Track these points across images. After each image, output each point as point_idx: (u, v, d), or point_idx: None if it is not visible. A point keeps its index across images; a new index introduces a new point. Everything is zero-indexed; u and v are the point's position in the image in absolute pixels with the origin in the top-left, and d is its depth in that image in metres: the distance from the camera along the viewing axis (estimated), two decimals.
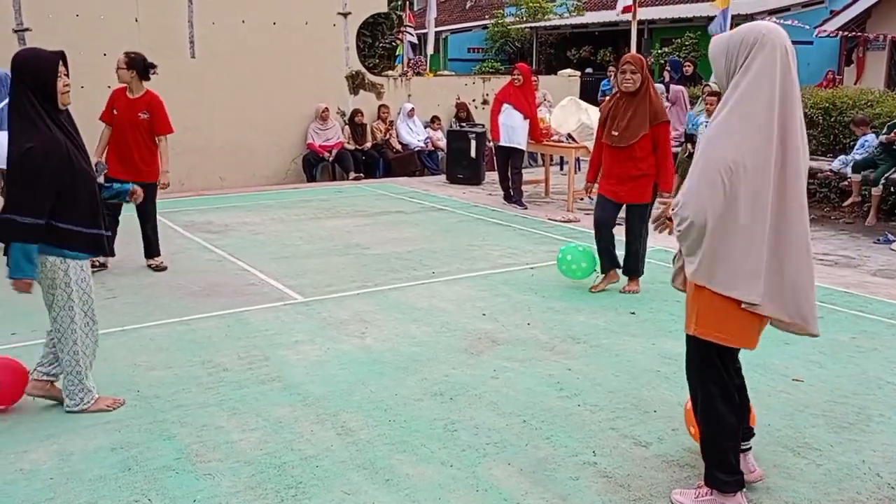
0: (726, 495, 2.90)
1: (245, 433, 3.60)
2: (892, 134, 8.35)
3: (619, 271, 5.98)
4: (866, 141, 8.68)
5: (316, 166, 11.89)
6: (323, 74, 12.12)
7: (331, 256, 7.05)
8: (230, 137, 11.37)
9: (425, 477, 3.22)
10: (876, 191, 8.43)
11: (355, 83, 12.50)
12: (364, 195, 10.44)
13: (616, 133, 5.57)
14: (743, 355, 4.56)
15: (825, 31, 17.34)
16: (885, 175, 8.31)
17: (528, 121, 9.42)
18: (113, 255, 4.09)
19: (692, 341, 2.90)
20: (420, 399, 3.98)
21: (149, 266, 6.60)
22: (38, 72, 3.50)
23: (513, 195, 9.63)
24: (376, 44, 15.75)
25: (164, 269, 6.58)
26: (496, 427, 3.67)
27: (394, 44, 17.65)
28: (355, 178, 11.77)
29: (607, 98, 6.02)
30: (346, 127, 12.21)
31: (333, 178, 12.10)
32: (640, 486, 3.15)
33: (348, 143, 12.11)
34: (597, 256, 5.93)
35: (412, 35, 15.71)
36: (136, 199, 4.22)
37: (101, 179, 6.81)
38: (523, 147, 9.55)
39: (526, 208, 9.46)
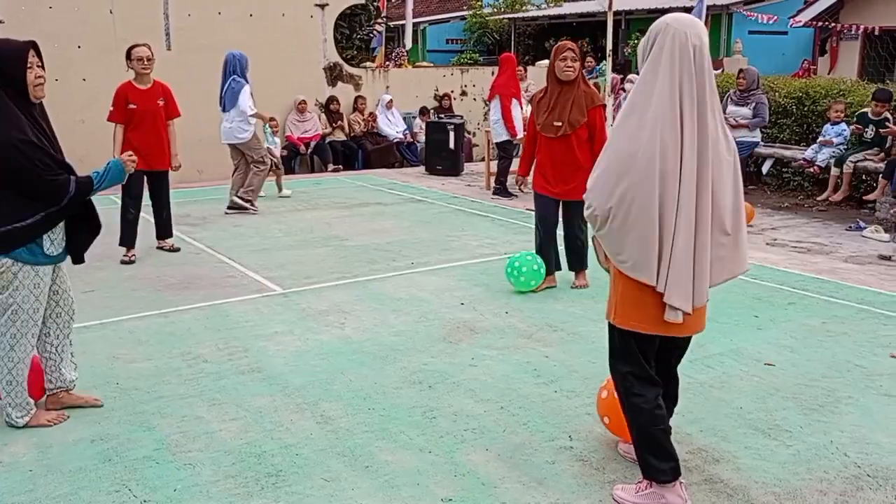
0: (664, 486, 2.85)
1: (225, 423, 3.63)
2: (856, 127, 8.55)
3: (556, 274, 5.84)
4: (844, 130, 8.81)
5: (294, 158, 11.86)
6: (300, 66, 12.08)
7: (310, 248, 7.07)
8: (207, 130, 11.26)
9: (404, 463, 3.26)
10: (847, 168, 8.54)
11: (333, 75, 12.48)
12: (343, 187, 10.44)
13: (559, 123, 5.40)
14: (716, 341, 4.66)
15: (799, 21, 17.50)
16: (853, 156, 8.49)
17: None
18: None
19: (612, 330, 2.90)
20: (399, 387, 4.02)
21: (161, 248, 6.95)
22: (4, 61, 3.26)
23: (500, 183, 9.71)
24: (354, 35, 15.72)
25: (178, 249, 6.93)
26: (474, 414, 3.72)
27: (370, 35, 17.63)
28: (334, 170, 11.77)
29: (538, 90, 5.73)
30: (323, 115, 12.18)
31: (312, 171, 12.09)
32: (615, 469, 3.22)
33: (325, 129, 12.08)
34: (540, 259, 5.69)
35: (382, 26, 15.73)
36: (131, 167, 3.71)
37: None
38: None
39: (517, 197, 9.55)
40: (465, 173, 11.50)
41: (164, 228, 6.98)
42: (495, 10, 25.19)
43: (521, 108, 9.57)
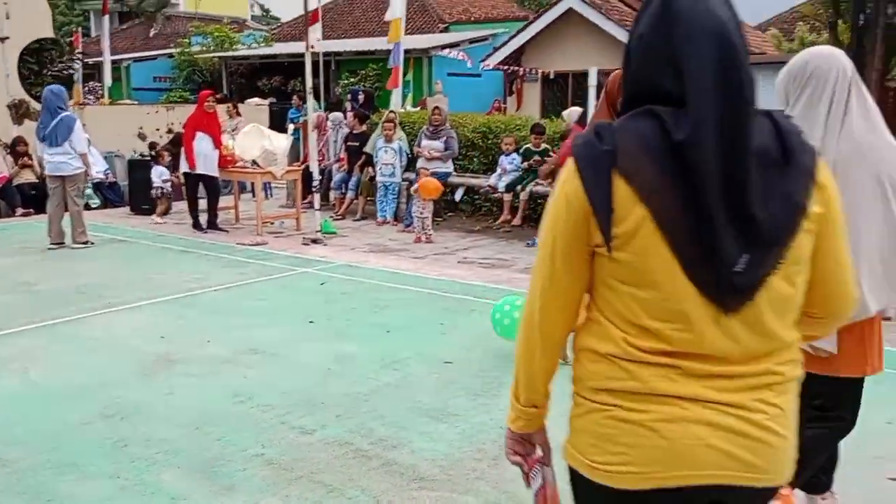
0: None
1: None
2: (533, 161, 9.78)
3: None
4: (515, 159, 10.00)
5: None
6: None
7: None
8: None
9: (92, 492, 3.25)
10: (524, 195, 9.73)
11: (19, 112, 11.59)
12: (34, 231, 9.63)
13: None
14: (405, 348, 5.13)
15: (488, 64, 19.48)
16: (528, 186, 9.69)
17: (217, 149, 9.58)
18: None
19: None
20: (90, 423, 3.95)
21: None
22: None
23: (210, 221, 9.71)
24: (44, 71, 14.65)
25: None
26: (168, 437, 3.78)
27: (67, 72, 16.57)
28: (24, 214, 10.87)
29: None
30: (9, 157, 11.25)
31: None
32: (303, 466, 3.47)
33: (12, 171, 11.14)
34: None
35: (79, 63, 14.96)
36: None
37: None
38: (216, 174, 9.65)
39: (227, 232, 9.62)
40: (173, 212, 11.23)
41: None
42: (204, 48, 24.84)
43: (217, 144, 9.55)
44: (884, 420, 3.94)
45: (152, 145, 12.61)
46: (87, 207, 10.06)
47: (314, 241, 9.01)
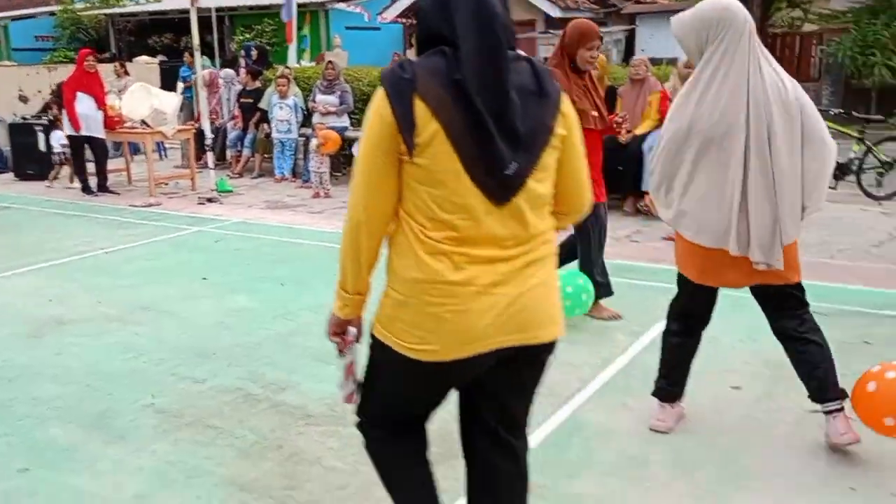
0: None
1: None
2: None
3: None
4: None
5: None
6: None
7: None
8: None
9: None
10: None
11: None
12: None
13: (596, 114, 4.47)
14: (298, 299, 5.23)
15: (386, 17, 19.34)
16: None
17: (101, 109, 9.31)
18: None
19: None
20: None
21: None
22: None
23: (100, 183, 9.55)
24: None
25: None
26: (58, 395, 3.82)
27: None
28: None
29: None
30: None
31: None
32: (193, 413, 3.60)
33: None
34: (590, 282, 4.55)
35: None
36: None
37: None
38: (101, 135, 9.39)
39: (118, 194, 9.45)
40: (63, 176, 10.86)
41: None
42: (89, 5, 23.66)
43: (100, 104, 9.29)
44: (736, 339, 4.33)
45: (46, 107, 12.08)
46: None
47: (210, 201, 8.94)
